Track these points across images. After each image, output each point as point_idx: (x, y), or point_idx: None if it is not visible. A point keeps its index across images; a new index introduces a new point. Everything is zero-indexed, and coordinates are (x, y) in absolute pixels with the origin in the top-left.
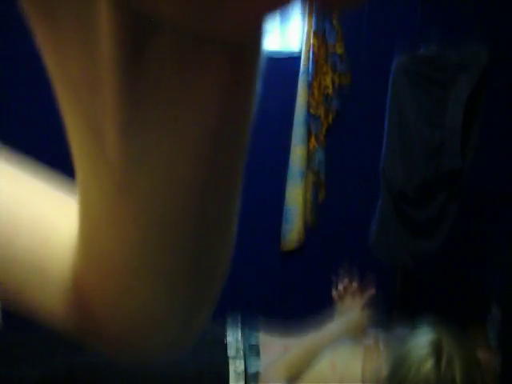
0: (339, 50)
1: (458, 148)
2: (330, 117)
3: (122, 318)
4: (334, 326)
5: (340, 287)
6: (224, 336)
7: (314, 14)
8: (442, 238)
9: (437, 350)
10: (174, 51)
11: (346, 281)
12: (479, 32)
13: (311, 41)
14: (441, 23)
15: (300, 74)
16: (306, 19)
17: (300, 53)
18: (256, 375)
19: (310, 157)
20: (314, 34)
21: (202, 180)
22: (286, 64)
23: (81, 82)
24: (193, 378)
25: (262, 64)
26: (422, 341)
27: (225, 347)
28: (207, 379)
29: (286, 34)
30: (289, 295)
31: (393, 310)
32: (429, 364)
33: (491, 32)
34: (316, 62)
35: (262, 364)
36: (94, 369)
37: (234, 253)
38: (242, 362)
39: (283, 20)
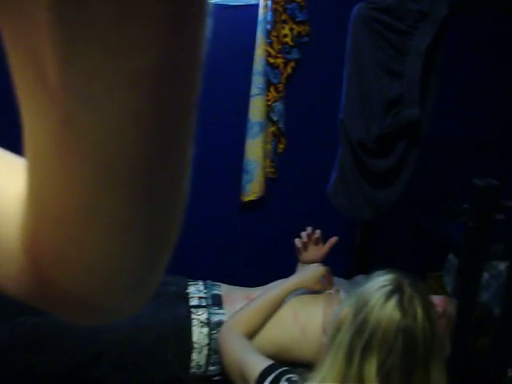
0: None
1: (417, 97)
2: (289, 67)
3: (75, 274)
4: (291, 280)
5: (303, 236)
6: (186, 287)
7: None
8: (402, 188)
9: (399, 288)
10: None
11: (309, 229)
12: None
13: None
14: None
15: (258, 23)
16: None
17: (258, 1)
18: (219, 324)
19: (269, 108)
20: None
21: (148, 117)
22: (243, 13)
23: (16, 4)
24: (156, 329)
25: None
26: (383, 280)
27: (187, 298)
28: (170, 330)
29: None
30: (250, 246)
31: (353, 260)
32: (393, 300)
33: None
34: (274, 10)
35: (225, 311)
36: (57, 327)
37: (195, 205)
38: (205, 311)
39: None
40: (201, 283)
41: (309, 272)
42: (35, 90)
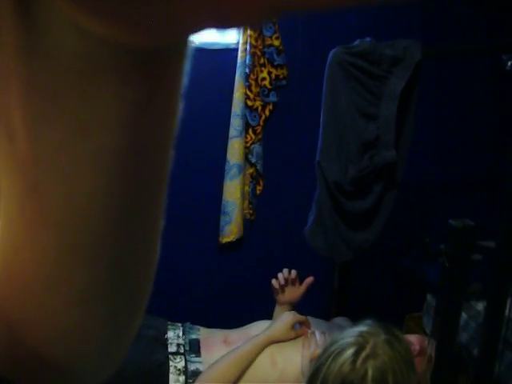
0: (276, 43)
1: (392, 140)
2: (267, 109)
3: (39, 334)
4: (263, 335)
5: (279, 278)
6: (165, 332)
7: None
8: (379, 229)
9: (360, 343)
10: (79, 50)
11: (285, 271)
12: (413, 26)
13: (248, 33)
14: (376, 16)
15: (237, 66)
16: None
17: (237, 45)
18: (195, 373)
19: (247, 150)
20: None
21: (115, 195)
22: (223, 56)
23: None
24: (132, 374)
25: (183, 76)
26: (352, 332)
27: (165, 343)
28: (148, 376)
29: None
30: (228, 288)
31: (331, 300)
32: (347, 354)
33: (424, 27)
34: (253, 54)
35: (203, 359)
36: None
37: (173, 246)
38: (183, 358)
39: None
40: (180, 327)
41: (279, 324)
42: (6, 151)
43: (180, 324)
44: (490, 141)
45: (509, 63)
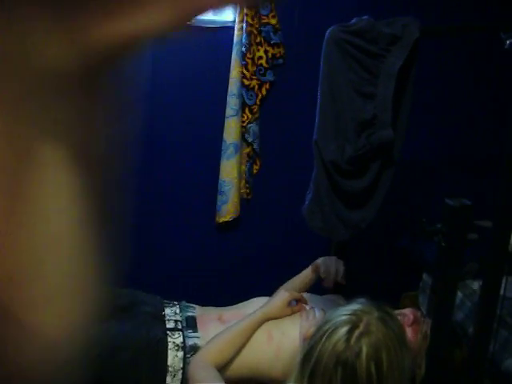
0: (273, 21)
1: (389, 119)
2: (264, 88)
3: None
4: (260, 312)
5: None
6: (162, 309)
7: None
8: (376, 208)
9: (353, 321)
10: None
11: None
12: (411, 4)
13: (244, 11)
14: None
15: (233, 45)
16: None
17: (233, 23)
18: (194, 348)
19: (244, 129)
20: None
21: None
22: (219, 35)
23: None
24: (131, 350)
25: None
26: (346, 310)
27: (163, 320)
28: (146, 352)
29: None
30: (225, 267)
31: None
32: (341, 332)
33: (422, 4)
34: (249, 33)
35: (200, 335)
36: None
37: (170, 225)
38: (181, 334)
39: None
40: (176, 305)
41: (275, 301)
42: None
43: (176, 302)
44: (487, 120)
45: (507, 41)
